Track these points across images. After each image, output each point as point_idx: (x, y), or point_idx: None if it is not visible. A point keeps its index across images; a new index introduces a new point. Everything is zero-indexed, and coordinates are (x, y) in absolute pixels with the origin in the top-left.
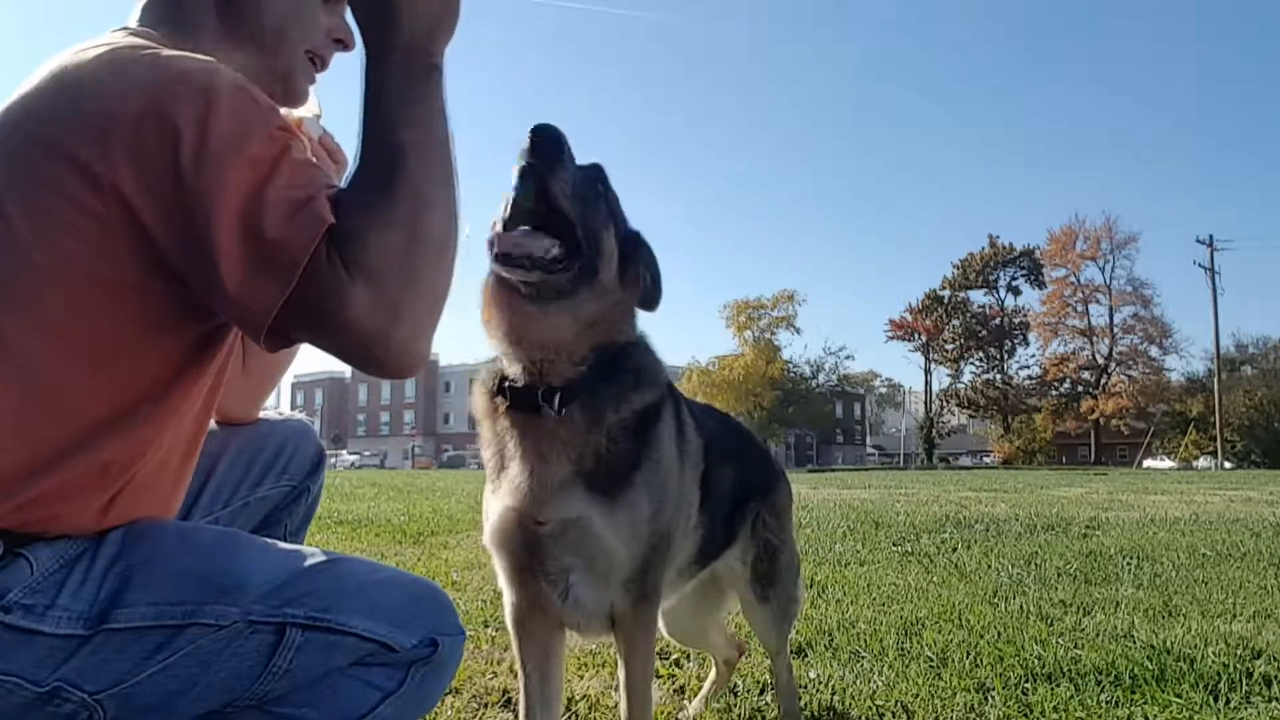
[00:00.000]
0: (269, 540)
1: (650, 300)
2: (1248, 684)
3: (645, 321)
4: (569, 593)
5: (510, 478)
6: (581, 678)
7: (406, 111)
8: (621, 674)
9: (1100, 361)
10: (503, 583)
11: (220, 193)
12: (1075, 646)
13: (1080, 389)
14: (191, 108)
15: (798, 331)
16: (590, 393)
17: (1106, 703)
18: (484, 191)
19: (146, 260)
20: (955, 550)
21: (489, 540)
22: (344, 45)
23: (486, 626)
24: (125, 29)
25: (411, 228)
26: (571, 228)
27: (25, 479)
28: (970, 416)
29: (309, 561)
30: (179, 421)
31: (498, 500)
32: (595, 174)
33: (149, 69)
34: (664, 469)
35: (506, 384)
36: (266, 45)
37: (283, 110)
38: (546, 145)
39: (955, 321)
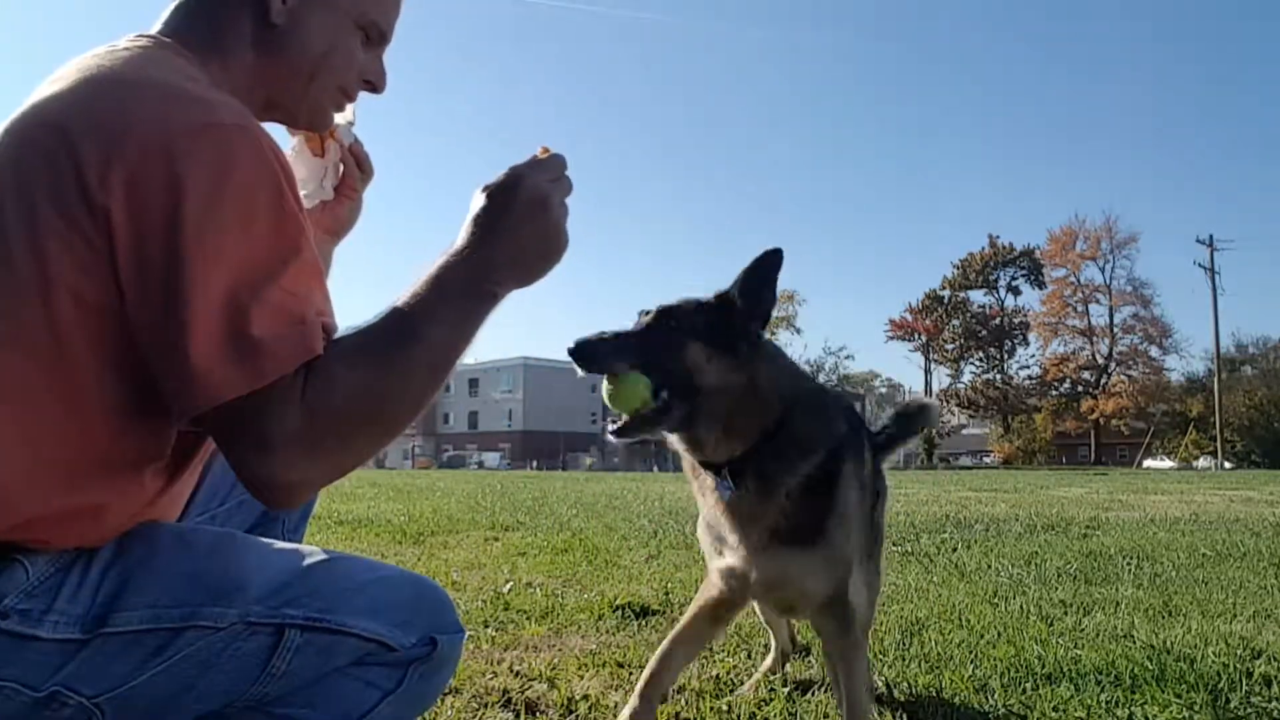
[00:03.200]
0: (267, 541)
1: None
2: (1248, 684)
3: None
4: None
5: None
6: (582, 678)
7: (446, 311)
8: (842, 692)
9: (1100, 361)
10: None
11: (214, 260)
12: (1075, 646)
13: (1080, 389)
14: (206, 163)
15: (798, 331)
16: (758, 469)
17: (1106, 703)
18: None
19: (119, 288)
20: (955, 550)
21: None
22: (373, 88)
23: (486, 626)
24: (154, 37)
25: (379, 408)
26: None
27: (14, 508)
28: (970, 416)
29: (308, 561)
30: (179, 473)
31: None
32: (670, 332)
33: (170, 104)
34: (848, 516)
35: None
36: (300, 73)
37: None
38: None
39: (955, 321)
